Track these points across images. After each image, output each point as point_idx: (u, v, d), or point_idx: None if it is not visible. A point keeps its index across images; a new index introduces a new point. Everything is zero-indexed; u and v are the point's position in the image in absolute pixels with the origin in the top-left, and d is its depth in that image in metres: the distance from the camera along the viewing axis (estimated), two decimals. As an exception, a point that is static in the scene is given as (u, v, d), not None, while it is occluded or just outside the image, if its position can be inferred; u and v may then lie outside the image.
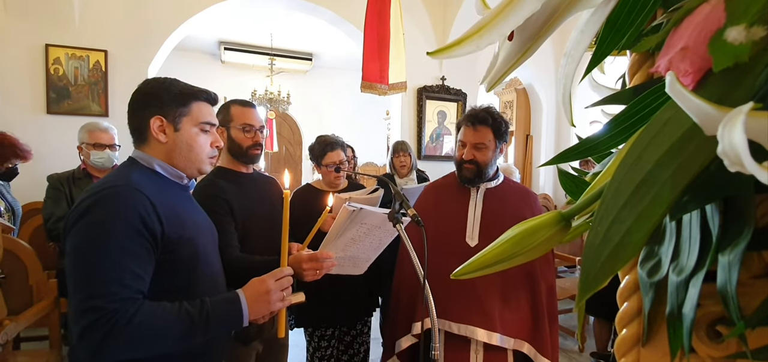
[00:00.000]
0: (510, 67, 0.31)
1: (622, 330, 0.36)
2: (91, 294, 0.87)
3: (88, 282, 0.89)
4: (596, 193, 0.29)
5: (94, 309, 0.86)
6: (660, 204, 0.20)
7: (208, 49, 7.18)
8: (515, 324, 1.43)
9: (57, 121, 3.45)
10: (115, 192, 0.95)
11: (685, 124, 0.20)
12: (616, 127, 0.31)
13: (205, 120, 1.10)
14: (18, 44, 3.34)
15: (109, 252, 0.90)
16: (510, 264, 0.31)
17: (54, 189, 2.23)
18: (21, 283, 2.19)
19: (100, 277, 0.89)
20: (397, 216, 1.26)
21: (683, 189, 0.20)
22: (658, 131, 0.21)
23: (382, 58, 2.73)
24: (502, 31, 0.26)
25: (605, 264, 0.22)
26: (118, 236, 0.91)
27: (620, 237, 0.21)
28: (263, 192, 1.80)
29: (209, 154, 1.13)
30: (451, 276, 0.34)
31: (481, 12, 0.32)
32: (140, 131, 1.07)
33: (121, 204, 0.93)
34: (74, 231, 0.92)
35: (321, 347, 2.18)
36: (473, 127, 1.52)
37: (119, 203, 0.93)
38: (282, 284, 1.08)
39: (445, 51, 0.29)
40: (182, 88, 1.09)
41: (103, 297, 0.87)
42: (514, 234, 0.30)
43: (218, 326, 0.99)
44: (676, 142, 0.21)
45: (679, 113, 0.20)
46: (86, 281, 0.89)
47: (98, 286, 0.88)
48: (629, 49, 0.30)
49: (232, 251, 1.46)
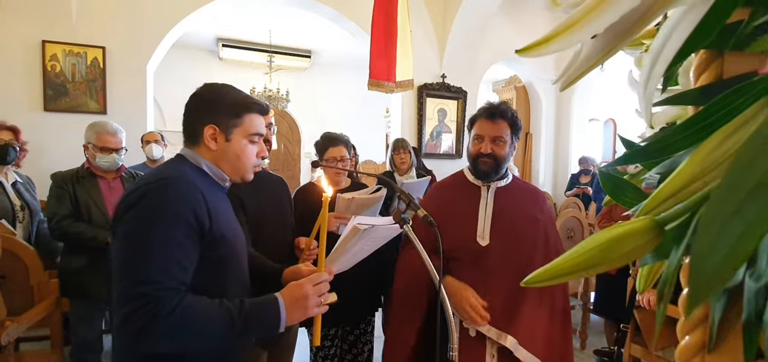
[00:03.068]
0: (591, 66, 0.30)
1: (684, 337, 0.35)
2: (138, 281, 0.89)
3: (137, 268, 0.90)
4: (695, 200, 0.28)
5: (140, 295, 0.88)
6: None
7: (206, 46, 7.12)
8: (533, 330, 1.42)
9: (54, 119, 3.40)
10: (171, 183, 0.97)
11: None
12: (689, 127, 0.30)
13: (255, 131, 1.13)
14: (14, 40, 3.30)
15: (159, 241, 0.92)
16: (593, 272, 0.30)
17: (58, 187, 2.20)
18: (22, 283, 2.16)
19: (149, 265, 0.90)
20: (404, 216, 1.24)
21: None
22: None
23: (389, 56, 2.72)
24: (595, 28, 0.25)
25: (715, 273, 0.21)
26: (170, 226, 0.93)
27: (731, 245, 0.20)
28: (273, 191, 1.79)
29: (254, 163, 1.16)
30: (522, 284, 0.33)
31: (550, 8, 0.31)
32: (193, 135, 1.10)
33: (176, 196, 0.96)
34: (127, 218, 0.94)
35: (324, 346, 2.17)
36: (492, 121, 1.50)
37: (174, 194, 0.96)
38: (319, 289, 1.07)
39: (534, 48, 0.28)
40: (237, 98, 1.12)
41: (150, 285, 0.89)
42: (601, 241, 0.29)
43: (256, 328, 0.99)
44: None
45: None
46: (135, 267, 0.90)
47: (146, 274, 0.89)
48: (718, 48, 0.30)
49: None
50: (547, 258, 1.52)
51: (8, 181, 2.49)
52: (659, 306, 0.29)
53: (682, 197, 0.30)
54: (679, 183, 0.30)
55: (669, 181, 0.31)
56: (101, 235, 2.16)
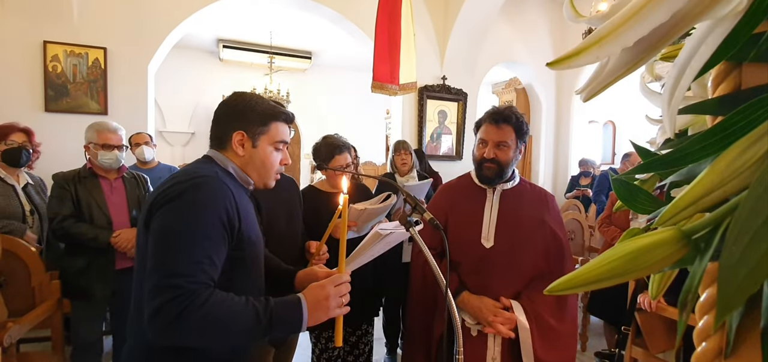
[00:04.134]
0: (616, 78, 0.30)
1: (700, 344, 0.35)
2: (172, 273, 0.91)
3: (171, 261, 0.93)
4: (722, 212, 0.28)
5: (174, 287, 0.90)
6: (800, 224, 0.20)
7: (207, 47, 7.13)
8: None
9: (55, 119, 3.39)
10: (207, 182, 1.00)
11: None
12: (708, 137, 0.30)
13: (281, 139, 1.19)
14: (15, 41, 3.29)
15: (194, 235, 0.95)
16: (619, 281, 0.30)
17: (59, 188, 2.19)
18: (23, 285, 2.15)
19: (183, 258, 0.93)
20: (410, 219, 1.24)
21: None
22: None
23: (393, 59, 2.72)
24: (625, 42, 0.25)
25: (743, 284, 0.21)
26: (204, 223, 0.96)
27: (759, 257, 0.21)
28: (285, 192, 1.80)
29: (278, 170, 1.21)
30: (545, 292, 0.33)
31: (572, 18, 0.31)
32: (222, 140, 1.15)
33: (211, 194, 0.99)
34: (163, 212, 0.97)
35: (328, 348, 2.18)
36: (496, 125, 1.50)
37: (209, 192, 0.99)
38: (341, 290, 1.08)
39: (564, 61, 0.28)
40: (265, 108, 1.17)
41: (183, 277, 0.91)
42: (630, 250, 0.29)
43: (279, 328, 1.00)
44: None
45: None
46: (170, 260, 0.93)
47: (180, 266, 0.92)
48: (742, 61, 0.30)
49: None
50: (552, 261, 1.53)
51: (20, 183, 2.48)
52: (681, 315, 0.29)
53: (701, 206, 0.30)
54: (700, 192, 0.31)
55: (689, 189, 0.31)
56: (102, 236, 2.16)
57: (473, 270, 1.49)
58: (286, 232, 1.85)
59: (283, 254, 1.52)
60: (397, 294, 2.96)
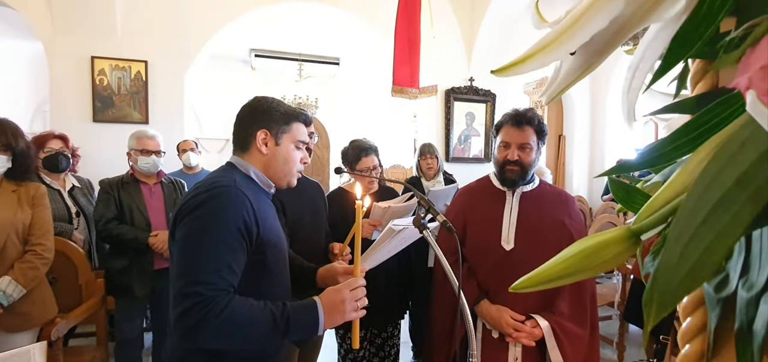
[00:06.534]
0: (572, 82, 0.31)
1: (684, 346, 0.35)
2: (194, 281, 0.96)
3: (193, 269, 0.98)
4: (668, 210, 0.28)
5: (195, 294, 0.95)
6: (739, 224, 0.20)
7: (240, 57, 7.39)
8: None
9: (102, 129, 3.64)
10: (225, 191, 1.05)
11: (766, 143, 0.20)
12: (680, 137, 0.30)
13: (301, 138, 1.24)
14: (66, 57, 3.55)
15: (213, 243, 0.99)
16: (574, 279, 0.31)
17: (105, 192, 2.37)
18: (71, 282, 2.33)
19: (204, 266, 0.98)
20: (423, 222, 1.26)
21: (764, 207, 0.20)
22: (737, 149, 0.21)
23: (412, 62, 2.73)
24: (568, 48, 0.26)
25: (682, 284, 0.21)
26: (222, 231, 1.01)
27: (698, 257, 0.21)
28: (310, 196, 1.85)
29: (298, 169, 1.25)
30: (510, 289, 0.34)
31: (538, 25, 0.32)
32: (245, 141, 1.19)
33: (229, 203, 1.03)
34: (186, 222, 1.02)
35: (353, 349, 2.21)
36: (519, 127, 1.50)
37: (227, 201, 1.04)
38: (356, 294, 1.11)
39: (510, 69, 0.29)
40: (287, 109, 1.23)
41: (203, 285, 0.96)
42: (582, 249, 0.30)
43: (296, 331, 1.04)
44: (756, 161, 0.20)
45: (759, 131, 0.20)
46: (192, 268, 0.98)
47: (201, 274, 0.97)
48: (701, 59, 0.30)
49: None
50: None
51: (65, 187, 2.68)
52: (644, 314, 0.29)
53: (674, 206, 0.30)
54: (672, 193, 0.30)
55: (662, 190, 0.31)
56: (141, 236, 2.30)
57: (493, 272, 1.48)
58: (311, 233, 1.90)
59: (307, 255, 1.56)
60: (424, 299, 2.96)
